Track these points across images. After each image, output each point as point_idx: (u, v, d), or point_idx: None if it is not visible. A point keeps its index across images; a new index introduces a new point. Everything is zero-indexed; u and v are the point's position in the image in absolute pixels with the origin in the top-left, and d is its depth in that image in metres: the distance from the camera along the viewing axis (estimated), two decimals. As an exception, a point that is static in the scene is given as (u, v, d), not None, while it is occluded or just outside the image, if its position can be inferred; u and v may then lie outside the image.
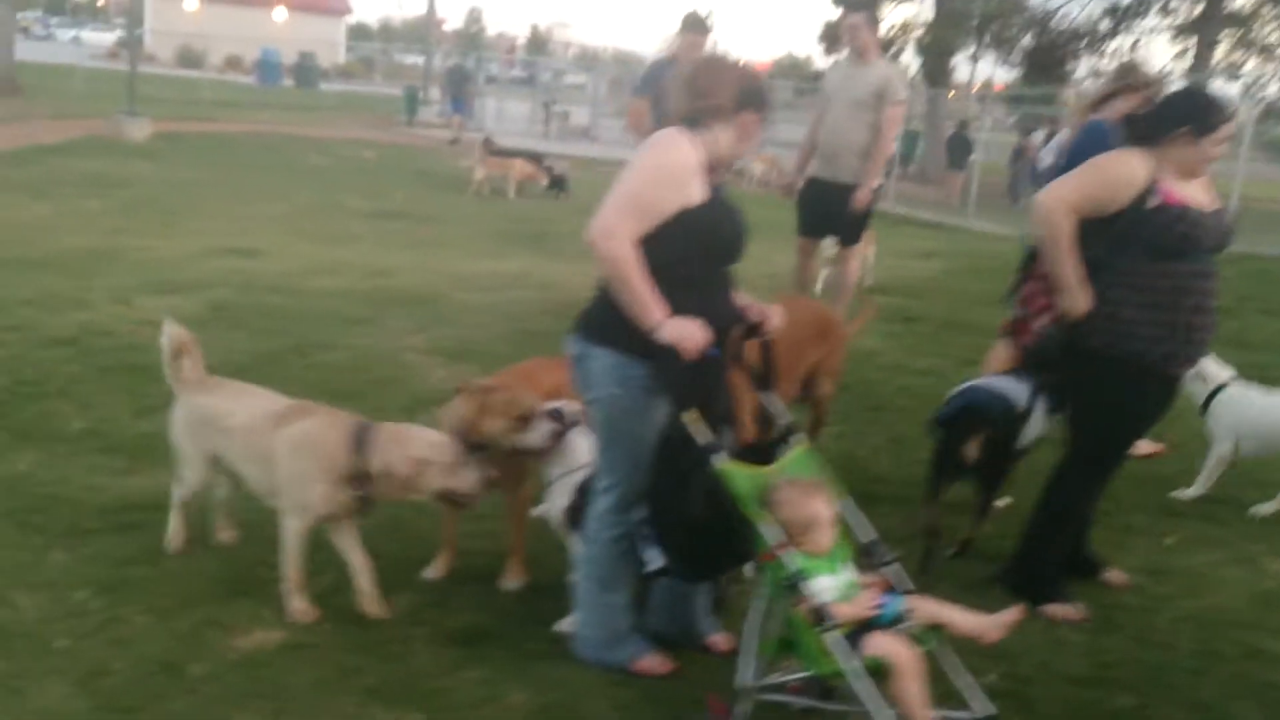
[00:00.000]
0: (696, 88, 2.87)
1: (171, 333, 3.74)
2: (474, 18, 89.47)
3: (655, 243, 2.75)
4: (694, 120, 2.86)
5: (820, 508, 2.66)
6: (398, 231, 12.05)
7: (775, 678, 2.76)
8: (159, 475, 4.24)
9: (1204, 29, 27.55)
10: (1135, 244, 3.36)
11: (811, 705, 2.89)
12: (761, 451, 2.90)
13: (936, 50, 26.53)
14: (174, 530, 3.68)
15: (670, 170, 2.77)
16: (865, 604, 2.57)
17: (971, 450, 3.87)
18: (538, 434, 3.26)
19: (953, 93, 31.70)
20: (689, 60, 6.85)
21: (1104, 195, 3.37)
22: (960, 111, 28.12)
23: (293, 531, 3.27)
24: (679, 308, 2.73)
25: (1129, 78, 4.83)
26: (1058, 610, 3.69)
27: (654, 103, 6.94)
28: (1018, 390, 3.89)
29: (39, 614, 3.23)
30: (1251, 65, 29.32)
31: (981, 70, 38.09)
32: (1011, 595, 3.79)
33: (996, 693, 2.78)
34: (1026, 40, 29.28)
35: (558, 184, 16.95)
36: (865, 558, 2.78)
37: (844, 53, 7.12)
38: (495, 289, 8.28)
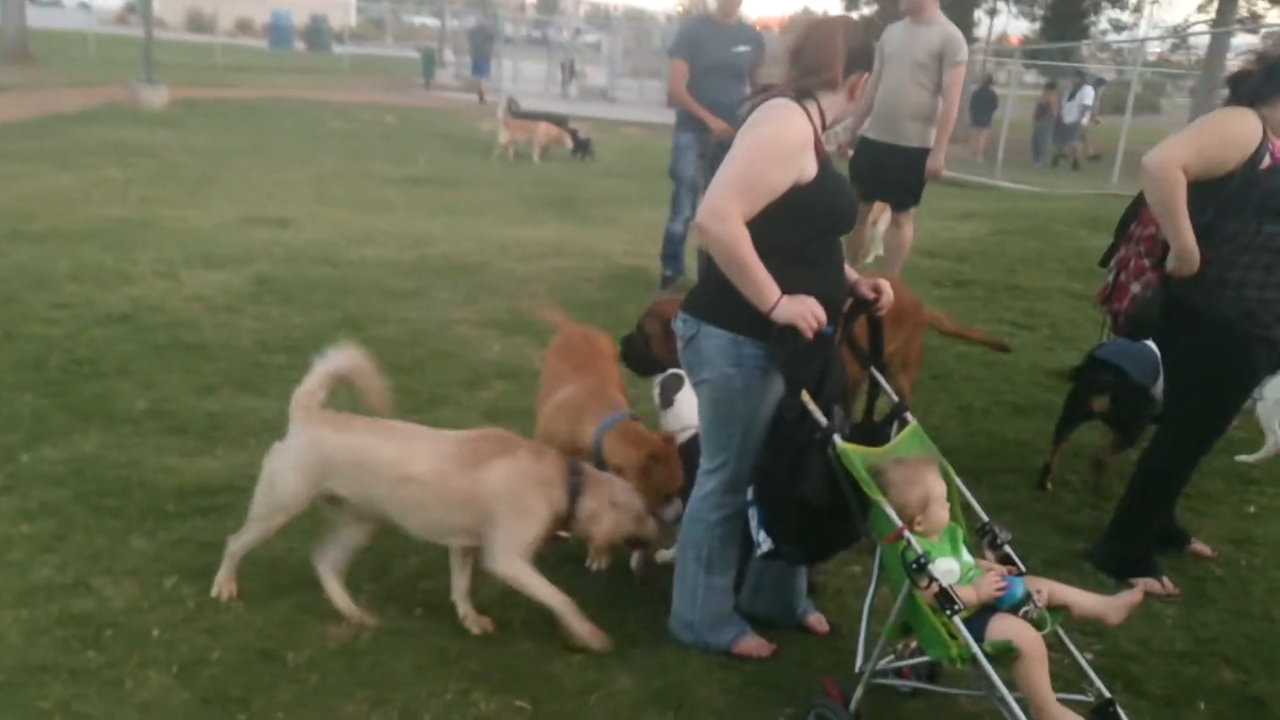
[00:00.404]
0: (805, 63, 2.76)
1: (346, 360, 3.29)
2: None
3: (768, 220, 2.66)
4: (803, 92, 2.76)
5: (933, 485, 2.60)
6: (427, 197, 11.95)
7: (891, 662, 2.71)
8: (232, 456, 4.21)
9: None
10: (1246, 206, 3.26)
11: (919, 688, 2.86)
12: (871, 432, 2.83)
13: (956, 4, 26.07)
14: (224, 579, 3.25)
15: (782, 147, 2.67)
16: (990, 587, 2.50)
17: (1100, 402, 4.27)
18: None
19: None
20: (730, 14, 6.73)
21: (1218, 155, 3.27)
22: (976, 67, 27.75)
23: (521, 570, 3.02)
24: (793, 285, 2.65)
25: None
26: (1151, 585, 3.63)
27: (690, 62, 6.83)
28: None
29: (127, 602, 3.19)
30: (1274, 16, 28.80)
31: (997, 24, 37.60)
32: (1101, 571, 3.75)
33: (1099, 671, 2.73)
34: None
35: (581, 147, 16.77)
36: (978, 537, 2.72)
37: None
38: (536, 258, 8.18)
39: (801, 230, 2.72)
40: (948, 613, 2.43)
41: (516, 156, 16.41)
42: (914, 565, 2.46)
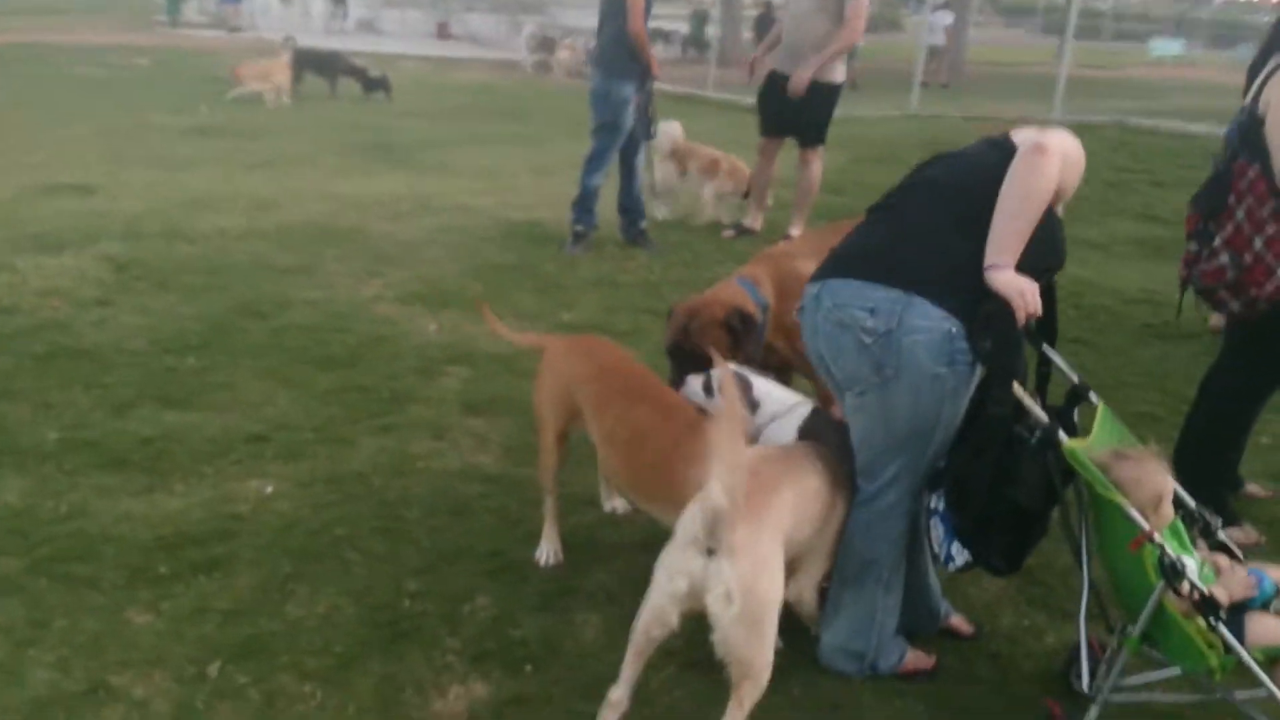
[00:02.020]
0: None
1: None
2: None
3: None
4: None
5: (1163, 480, 2.39)
6: (231, 151, 10.86)
7: (1132, 678, 2.50)
8: (195, 491, 3.55)
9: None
10: None
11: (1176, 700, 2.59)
12: (1055, 418, 2.58)
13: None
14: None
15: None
16: (1241, 585, 2.34)
17: None
18: None
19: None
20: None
21: None
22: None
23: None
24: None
25: None
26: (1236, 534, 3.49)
27: None
28: None
29: (174, 705, 2.57)
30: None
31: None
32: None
33: None
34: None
35: (379, 86, 15.76)
36: (1190, 526, 2.55)
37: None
38: (406, 215, 7.49)
39: None
40: (1211, 620, 2.24)
41: (306, 98, 15.29)
42: (1170, 570, 2.25)
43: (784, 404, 2.94)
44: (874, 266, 2.43)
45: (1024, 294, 2.30)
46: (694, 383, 3.00)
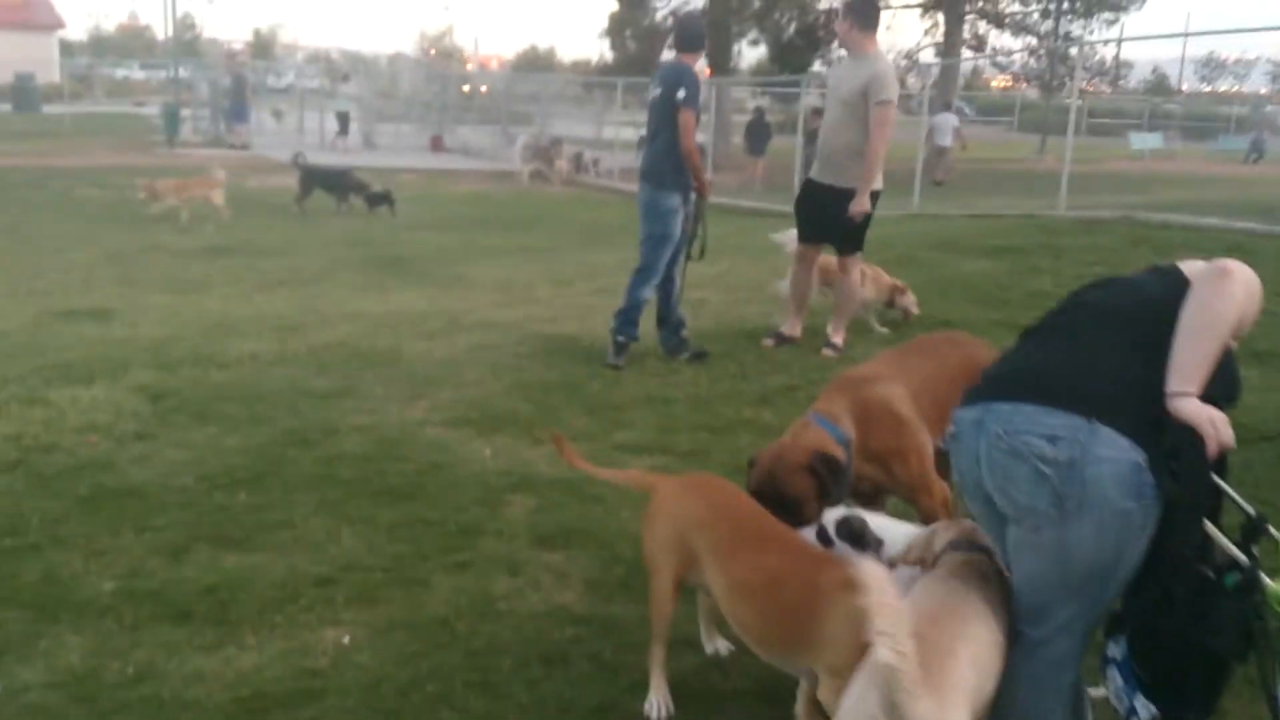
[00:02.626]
0: None
1: None
2: (186, 24, 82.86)
3: None
4: None
5: None
6: (244, 270, 10.83)
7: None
8: (269, 643, 3.33)
9: (949, 5, 29.17)
10: None
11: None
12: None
13: (716, 37, 26.73)
14: None
15: None
16: None
17: None
18: None
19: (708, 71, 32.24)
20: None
21: None
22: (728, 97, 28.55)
23: None
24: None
25: None
26: None
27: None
28: None
29: None
30: (995, 39, 31.31)
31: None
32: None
33: None
34: (786, 24, 30.10)
35: (381, 201, 15.90)
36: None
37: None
38: (438, 334, 7.36)
39: None
40: None
41: (313, 212, 15.41)
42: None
43: (908, 535, 2.78)
44: (1049, 390, 2.28)
45: (1215, 424, 2.16)
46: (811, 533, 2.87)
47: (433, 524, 4.19)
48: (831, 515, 2.86)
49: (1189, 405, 2.17)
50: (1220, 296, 2.21)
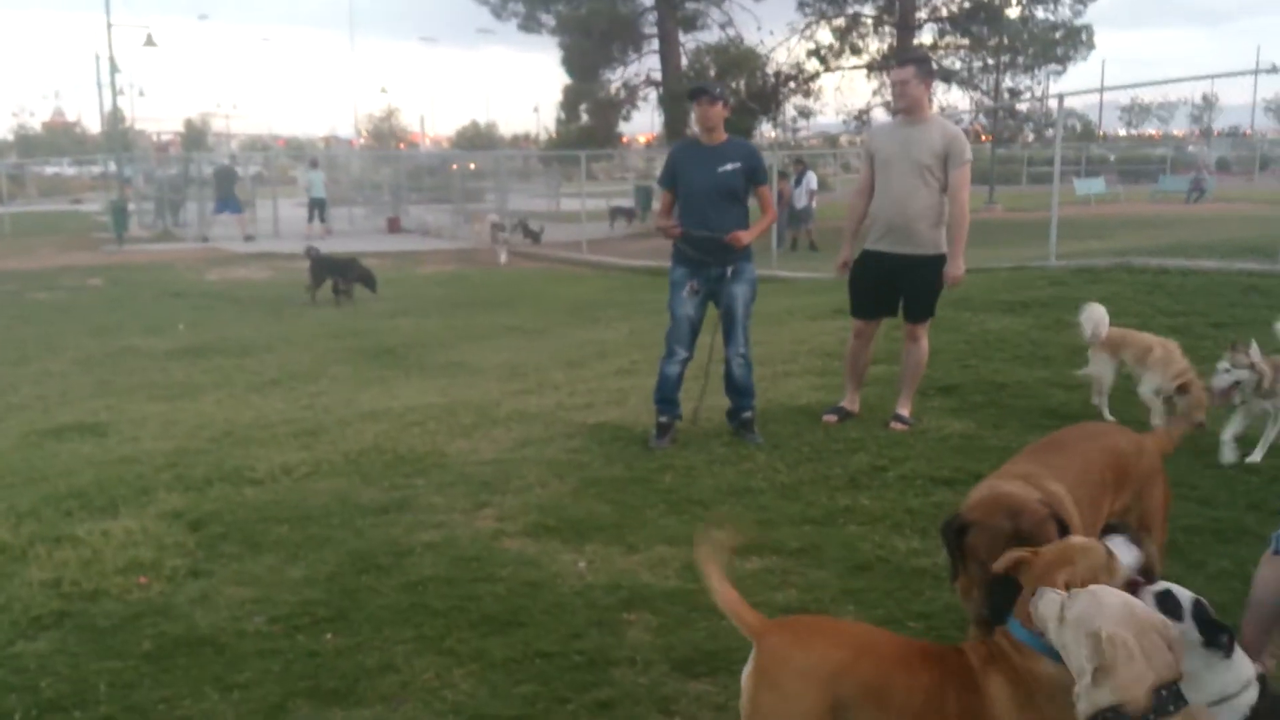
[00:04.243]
0: None
1: None
2: (116, 117, 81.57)
3: None
4: None
5: None
6: (231, 371, 10.34)
7: None
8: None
9: (892, 66, 29.64)
10: None
11: None
12: None
13: (673, 103, 26.85)
14: None
15: None
16: None
17: None
18: None
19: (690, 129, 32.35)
20: (714, 133, 6.06)
21: None
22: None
23: None
24: None
25: None
26: None
27: (677, 189, 6.17)
28: None
29: None
30: (942, 95, 31.83)
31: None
32: None
33: None
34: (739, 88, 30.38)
35: (365, 283, 15.65)
36: None
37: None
38: (474, 430, 6.93)
39: None
40: None
41: (286, 303, 14.99)
42: None
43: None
44: None
45: None
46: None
47: (552, 656, 3.76)
48: (1152, 589, 2.46)
49: None
50: None
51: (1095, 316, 6.36)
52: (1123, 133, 60.52)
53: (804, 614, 2.76)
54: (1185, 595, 2.43)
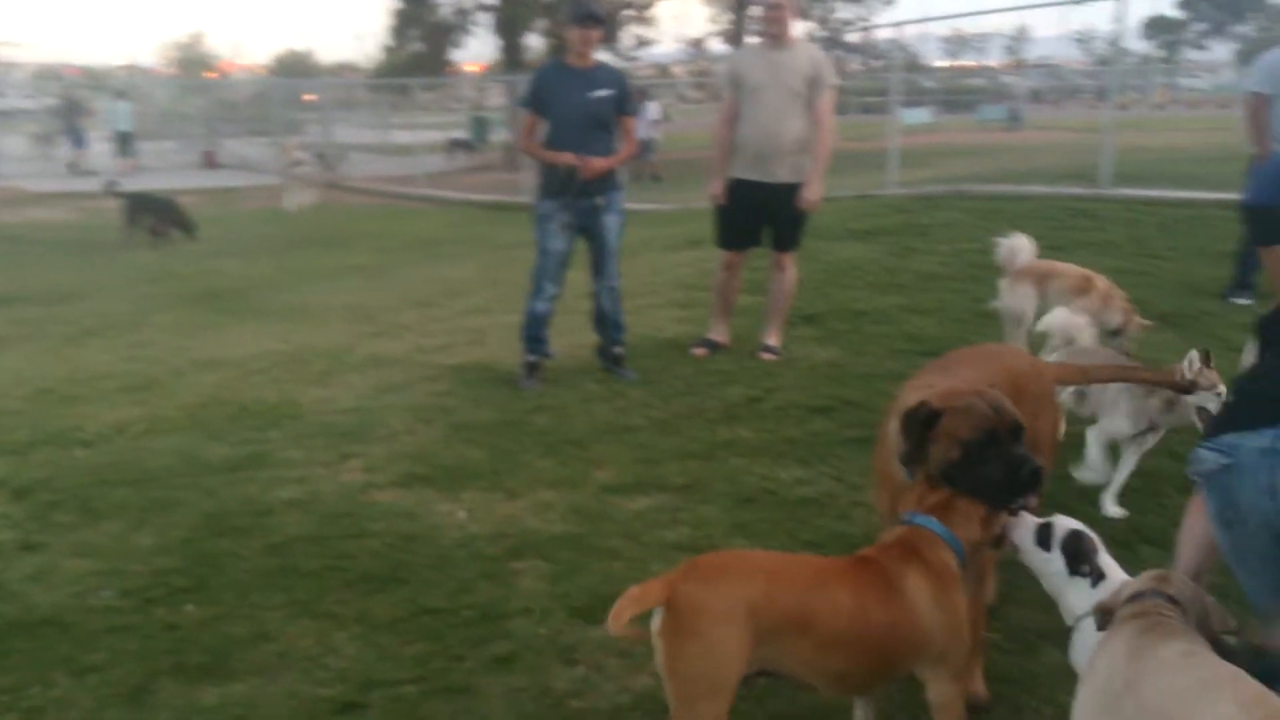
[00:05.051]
0: None
1: None
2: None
3: None
4: None
5: None
6: (44, 320, 9.53)
7: None
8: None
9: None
10: None
11: None
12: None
13: (510, 30, 26.05)
14: None
15: None
16: None
17: None
18: None
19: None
20: (585, 57, 5.79)
21: None
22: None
23: None
24: None
25: None
26: None
27: (543, 115, 5.88)
28: None
29: None
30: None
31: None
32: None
33: None
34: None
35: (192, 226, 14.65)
36: None
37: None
38: (327, 377, 6.54)
39: None
40: None
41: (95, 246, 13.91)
42: None
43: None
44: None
45: None
46: (1025, 527, 2.49)
47: (441, 612, 3.55)
48: (1065, 523, 2.47)
49: None
50: None
51: (1017, 246, 6.04)
52: (944, 64, 62.51)
53: (705, 554, 2.61)
54: (1062, 528, 2.51)
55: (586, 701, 3.04)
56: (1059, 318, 5.00)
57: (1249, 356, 3.85)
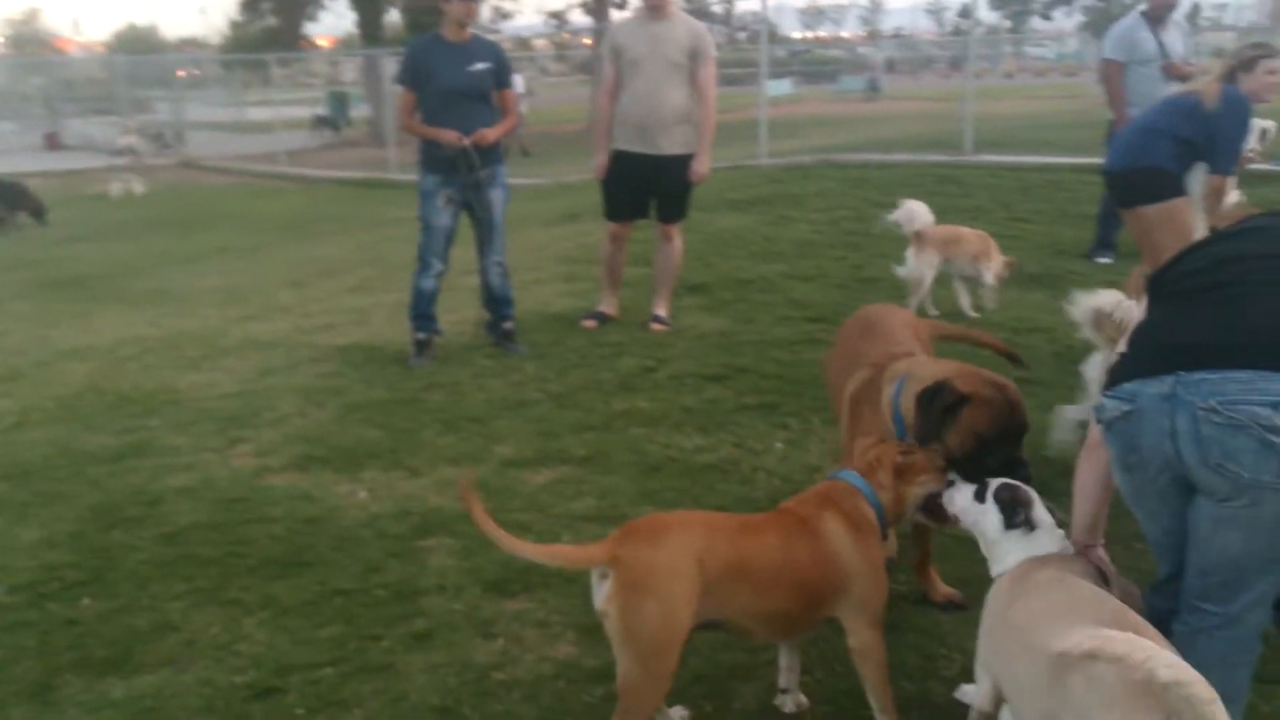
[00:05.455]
0: None
1: None
2: None
3: None
4: None
5: None
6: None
7: None
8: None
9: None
10: None
11: None
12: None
13: (367, 3, 25.38)
14: None
15: None
16: None
17: None
18: None
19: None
20: (463, 30, 5.72)
21: None
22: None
23: None
24: None
25: (1264, 49, 5.05)
26: None
27: (420, 90, 5.79)
28: None
29: None
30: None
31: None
32: None
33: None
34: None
35: (33, 213, 13.87)
36: None
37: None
38: (205, 361, 6.34)
39: None
40: None
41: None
42: None
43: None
44: (1257, 353, 2.10)
45: None
46: (963, 491, 2.60)
47: (352, 593, 3.52)
48: (996, 480, 2.58)
49: None
50: None
51: (914, 212, 6.27)
52: (801, 35, 63.69)
53: (636, 519, 2.66)
54: (997, 482, 2.60)
55: (508, 673, 3.06)
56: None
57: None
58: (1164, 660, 1.76)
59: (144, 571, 3.70)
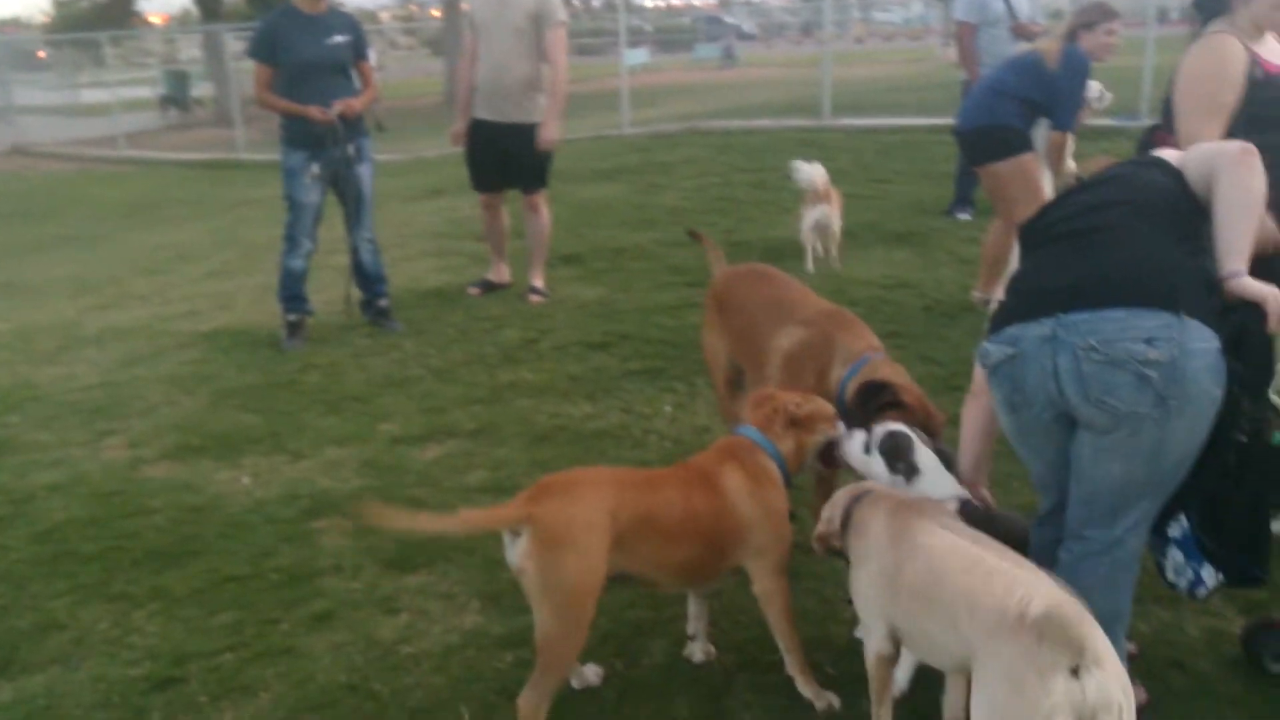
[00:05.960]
0: None
1: None
2: None
3: None
4: None
5: None
6: None
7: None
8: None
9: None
10: (1239, 121, 3.35)
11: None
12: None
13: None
14: None
15: None
16: None
17: None
18: None
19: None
20: (318, 2, 5.58)
21: (1232, 95, 3.21)
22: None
23: None
24: None
25: (1104, 11, 5.23)
26: None
27: (277, 64, 5.62)
28: None
29: None
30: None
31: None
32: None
33: None
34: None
35: None
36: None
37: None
38: (62, 353, 6.05)
39: None
40: None
41: None
42: None
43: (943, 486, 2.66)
44: (1131, 292, 2.23)
45: (1276, 298, 2.25)
46: (853, 439, 2.73)
47: (246, 579, 3.45)
48: (881, 428, 2.69)
49: (1250, 283, 2.25)
50: (1253, 174, 2.29)
51: (815, 173, 6.53)
52: (654, 4, 63.94)
53: (546, 477, 2.69)
54: (879, 434, 2.74)
55: (416, 646, 3.05)
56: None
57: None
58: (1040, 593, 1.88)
59: (20, 571, 3.55)
